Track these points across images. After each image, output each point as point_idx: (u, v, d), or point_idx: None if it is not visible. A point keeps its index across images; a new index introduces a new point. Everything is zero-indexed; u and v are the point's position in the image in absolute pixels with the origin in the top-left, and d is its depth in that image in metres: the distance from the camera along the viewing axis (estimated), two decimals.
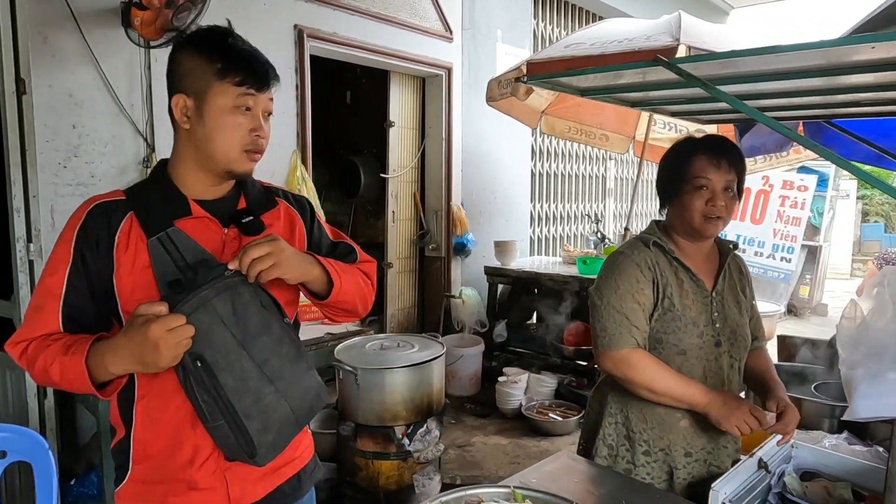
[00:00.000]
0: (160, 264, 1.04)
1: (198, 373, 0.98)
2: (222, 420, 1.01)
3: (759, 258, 7.17)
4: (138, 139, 2.87)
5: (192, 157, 1.10)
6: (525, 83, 1.67)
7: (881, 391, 1.06)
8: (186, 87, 1.07)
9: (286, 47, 3.41)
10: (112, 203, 1.08)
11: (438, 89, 4.46)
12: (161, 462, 1.08)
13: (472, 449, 3.36)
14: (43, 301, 1.06)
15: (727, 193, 1.43)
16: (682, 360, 1.45)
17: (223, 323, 1.00)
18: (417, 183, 4.63)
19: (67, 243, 1.06)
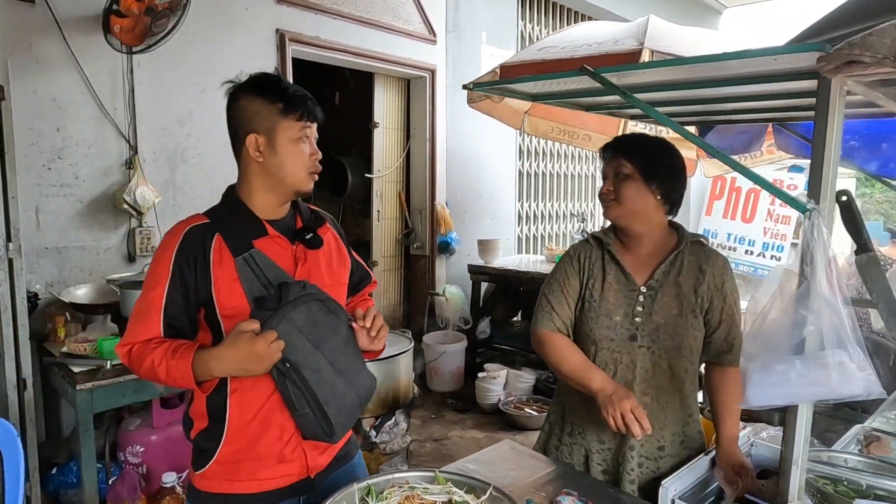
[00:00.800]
0: (247, 281, 1.25)
1: (288, 372, 1.23)
2: (308, 409, 1.26)
3: (749, 256, 7.22)
4: (121, 141, 2.97)
5: (264, 184, 1.31)
6: (471, 90, 1.75)
7: (771, 381, 1.13)
8: (256, 127, 1.28)
9: (268, 51, 3.51)
10: (202, 227, 1.28)
11: (423, 91, 4.54)
12: (251, 442, 1.29)
13: (448, 442, 3.45)
14: (146, 311, 1.24)
15: (616, 178, 1.49)
16: (595, 350, 1.53)
17: (300, 331, 1.24)
18: (402, 183, 4.72)
19: (167, 262, 1.24)
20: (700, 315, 1.50)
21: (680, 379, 1.52)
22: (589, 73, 1.42)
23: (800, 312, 1.12)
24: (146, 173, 3.00)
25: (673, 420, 1.54)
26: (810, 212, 1.10)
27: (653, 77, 1.58)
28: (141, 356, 1.22)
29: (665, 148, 1.53)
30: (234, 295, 1.24)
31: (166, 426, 2.58)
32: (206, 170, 3.30)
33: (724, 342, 1.51)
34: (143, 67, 3.00)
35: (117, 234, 3.00)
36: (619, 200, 1.49)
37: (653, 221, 1.52)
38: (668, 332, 1.49)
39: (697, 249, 1.54)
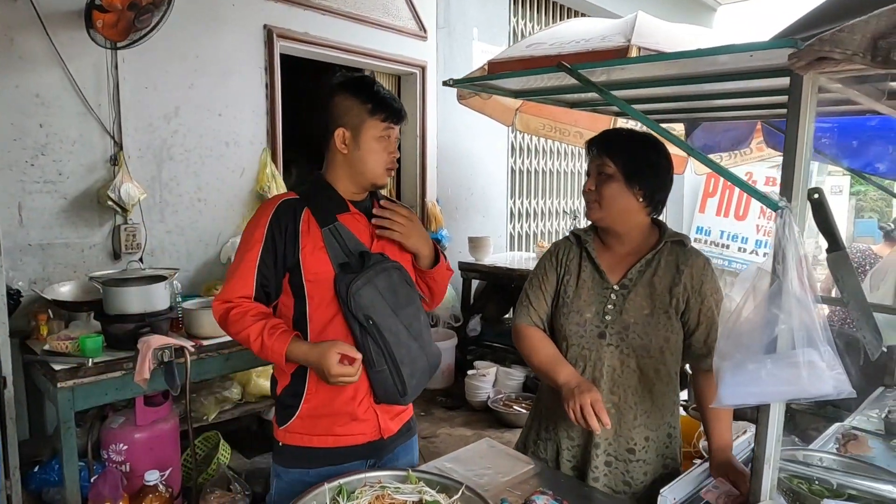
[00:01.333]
0: (332, 249, 1.40)
1: (371, 329, 1.37)
2: (385, 366, 1.39)
3: (742, 254, 7.23)
4: (106, 138, 2.95)
5: (346, 174, 1.47)
6: (451, 86, 1.74)
7: (743, 380, 1.12)
8: (346, 123, 1.44)
9: (256, 47, 3.48)
10: (293, 201, 1.45)
11: (413, 87, 4.52)
12: (329, 400, 1.41)
13: (437, 440, 3.45)
14: (242, 271, 1.41)
15: (599, 177, 1.48)
16: (566, 346, 1.54)
17: (381, 295, 1.40)
18: (393, 179, 4.70)
19: (262, 228, 1.41)
20: (675, 316, 1.48)
21: (650, 380, 1.50)
22: (566, 69, 1.40)
23: (771, 311, 1.11)
24: (131, 170, 2.98)
25: (644, 423, 1.52)
26: (782, 209, 1.09)
27: (633, 73, 1.57)
28: (238, 323, 1.37)
29: (651, 145, 1.50)
30: (320, 261, 1.39)
31: (150, 424, 2.56)
32: (193, 166, 3.28)
33: (704, 345, 1.48)
34: (127, 63, 2.98)
35: (102, 231, 2.98)
36: (600, 203, 1.48)
37: (634, 222, 1.51)
38: (638, 331, 1.47)
39: (677, 249, 1.52)
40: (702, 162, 1.25)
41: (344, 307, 1.39)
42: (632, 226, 1.51)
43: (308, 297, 1.42)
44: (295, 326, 1.45)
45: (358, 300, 1.37)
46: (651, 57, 1.37)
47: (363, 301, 1.38)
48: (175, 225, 3.23)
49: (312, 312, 1.44)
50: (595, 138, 1.55)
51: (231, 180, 3.44)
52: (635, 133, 1.55)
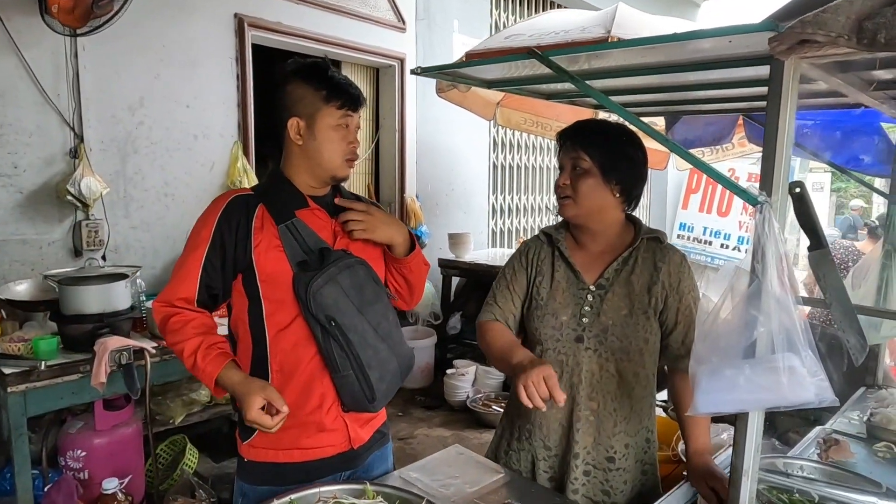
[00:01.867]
0: (289, 247, 1.31)
1: (333, 331, 1.27)
2: (350, 370, 1.29)
3: (725, 250, 7.23)
4: (65, 129, 2.82)
5: (304, 167, 1.37)
6: (418, 74, 1.66)
7: (720, 386, 1.05)
8: (299, 112, 1.34)
9: (226, 36, 3.36)
10: (246, 196, 1.36)
11: (392, 80, 4.42)
12: (294, 410, 1.27)
13: (414, 441, 3.37)
14: (184, 271, 1.31)
15: (575, 172, 1.39)
16: (540, 351, 1.45)
17: (345, 294, 1.30)
18: (371, 175, 4.60)
19: (209, 226, 1.31)
20: (653, 316, 1.41)
21: (629, 384, 1.43)
22: (537, 56, 1.32)
23: (750, 313, 1.04)
24: (93, 163, 2.86)
25: (624, 430, 1.45)
26: (761, 205, 1.02)
27: (610, 62, 1.50)
28: (176, 333, 1.29)
29: (628, 138, 1.43)
30: (276, 260, 1.30)
31: (110, 429, 2.45)
32: (159, 160, 3.16)
33: (682, 345, 1.41)
34: (88, 51, 2.85)
35: (62, 228, 2.85)
36: (575, 199, 1.39)
37: (610, 219, 1.44)
38: (617, 333, 1.40)
39: (654, 246, 1.44)
40: (681, 156, 1.18)
41: (304, 308, 1.29)
42: (608, 223, 1.44)
43: (263, 299, 1.33)
44: (251, 331, 1.36)
45: (319, 300, 1.28)
46: (626, 42, 1.30)
47: (325, 301, 1.29)
48: (141, 221, 3.11)
49: (269, 315, 1.34)
50: (568, 130, 1.46)
51: (200, 174, 3.32)
52: (611, 125, 1.47)
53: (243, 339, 1.38)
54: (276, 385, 1.30)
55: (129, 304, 2.49)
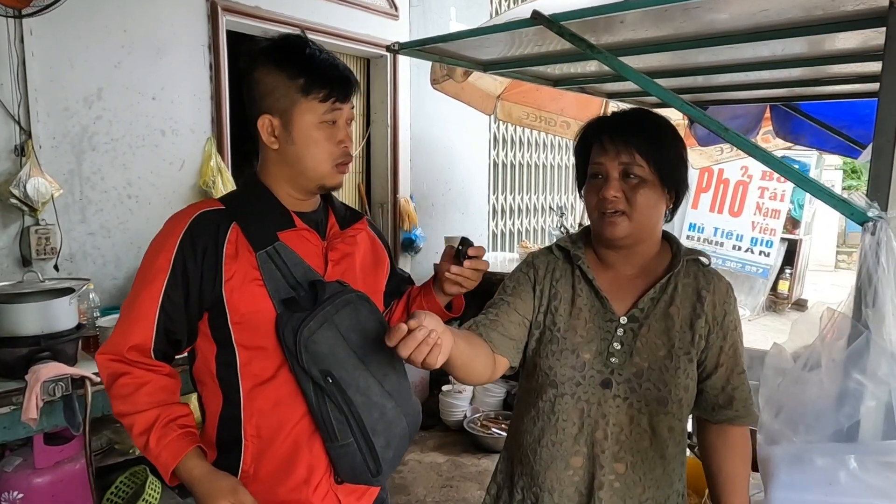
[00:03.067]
0: (271, 280, 1.04)
1: (330, 388, 1.01)
2: (351, 438, 1.03)
3: (737, 252, 6.91)
4: (10, 123, 2.49)
5: (283, 175, 1.10)
6: (395, 51, 1.35)
7: (808, 481, 0.74)
8: (271, 107, 1.06)
9: (197, 21, 3.04)
10: (216, 213, 1.07)
11: (384, 72, 4.10)
12: (272, 484, 1.06)
13: (405, 469, 3.05)
14: (139, 311, 1.04)
15: (628, 181, 1.09)
16: (555, 395, 1.14)
17: (344, 339, 1.03)
18: (362, 173, 4.28)
19: (168, 252, 1.03)
20: (695, 358, 1.12)
21: (663, 442, 1.13)
22: (544, 20, 1.01)
23: (853, 377, 0.73)
24: (43, 162, 2.54)
25: (652, 497, 1.15)
26: (874, 222, 0.70)
27: (628, 33, 1.18)
28: (125, 401, 1.03)
29: (675, 132, 1.14)
30: (253, 297, 1.04)
31: (53, 466, 2.15)
32: (121, 158, 2.83)
33: (722, 393, 1.15)
34: (36, 36, 2.53)
35: (7, 234, 2.53)
36: (631, 215, 1.09)
37: (655, 235, 1.16)
38: (654, 379, 1.11)
39: (695, 270, 1.15)
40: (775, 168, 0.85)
41: (292, 360, 1.02)
42: (653, 239, 1.17)
43: (237, 345, 1.05)
44: (220, 383, 1.07)
45: (312, 349, 1.01)
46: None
47: (320, 350, 1.01)
48: (99, 226, 2.79)
49: (244, 366, 1.05)
50: (610, 122, 1.14)
51: (168, 174, 3.00)
52: (660, 119, 1.15)
53: (210, 392, 1.09)
54: (251, 456, 1.06)
55: (75, 322, 2.18)
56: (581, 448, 1.11)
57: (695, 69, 1.56)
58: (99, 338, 2.33)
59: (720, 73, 1.59)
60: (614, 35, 1.22)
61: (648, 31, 1.19)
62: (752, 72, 1.54)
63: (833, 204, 0.74)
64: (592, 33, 1.14)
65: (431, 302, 1.27)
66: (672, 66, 1.52)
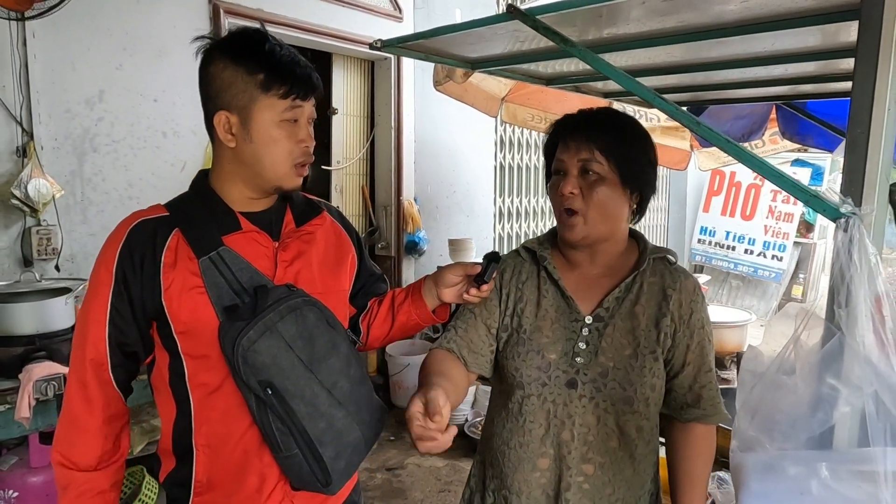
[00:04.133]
0: (214, 287, 1.01)
1: (270, 400, 0.98)
2: (296, 449, 1.00)
3: (749, 256, 6.80)
4: (12, 125, 2.52)
5: (239, 175, 1.06)
6: (377, 49, 1.33)
7: (780, 490, 0.70)
8: (228, 103, 1.02)
9: (199, 23, 3.05)
10: (155, 221, 1.04)
11: (388, 73, 4.09)
12: (226, 493, 1.04)
13: (403, 473, 3.03)
14: (86, 328, 1.02)
15: (587, 178, 1.07)
16: (522, 396, 1.13)
17: (289, 347, 1.00)
18: (366, 176, 4.28)
19: (109, 264, 1.01)
20: (661, 357, 1.11)
21: (631, 441, 1.12)
22: (518, 14, 0.98)
23: (826, 382, 0.69)
24: (45, 163, 2.56)
25: (622, 497, 1.13)
26: (847, 218, 0.67)
27: (618, 27, 1.15)
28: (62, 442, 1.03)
29: (642, 132, 1.12)
30: (194, 305, 1.01)
31: (48, 465, 2.15)
32: (122, 159, 2.85)
33: (690, 391, 1.14)
34: (39, 38, 2.55)
35: (8, 235, 2.56)
36: (587, 215, 1.08)
37: (617, 235, 1.15)
38: (619, 378, 1.10)
39: (662, 269, 1.14)
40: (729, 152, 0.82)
41: (232, 371, 0.99)
42: (616, 238, 1.16)
43: (184, 355, 1.03)
44: (173, 392, 1.06)
45: (251, 359, 0.97)
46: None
47: (260, 360, 0.97)
48: (101, 227, 2.80)
49: (192, 376, 1.03)
50: (571, 120, 1.14)
51: (169, 175, 3.01)
52: (624, 115, 1.14)
53: (164, 401, 1.08)
54: (204, 461, 1.04)
55: (72, 322, 2.18)
56: (548, 449, 1.11)
57: (693, 65, 1.51)
58: None
59: (721, 70, 1.55)
60: (599, 30, 1.19)
61: (633, 26, 1.15)
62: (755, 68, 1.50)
63: (805, 200, 0.71)
64: (573, 28, 1.12)
65: (421, 310, 1.24)
66: (667, 62, 1.48)
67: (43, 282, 2.20)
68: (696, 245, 7.08)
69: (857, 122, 0.68)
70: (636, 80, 0.92)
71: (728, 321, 3.17)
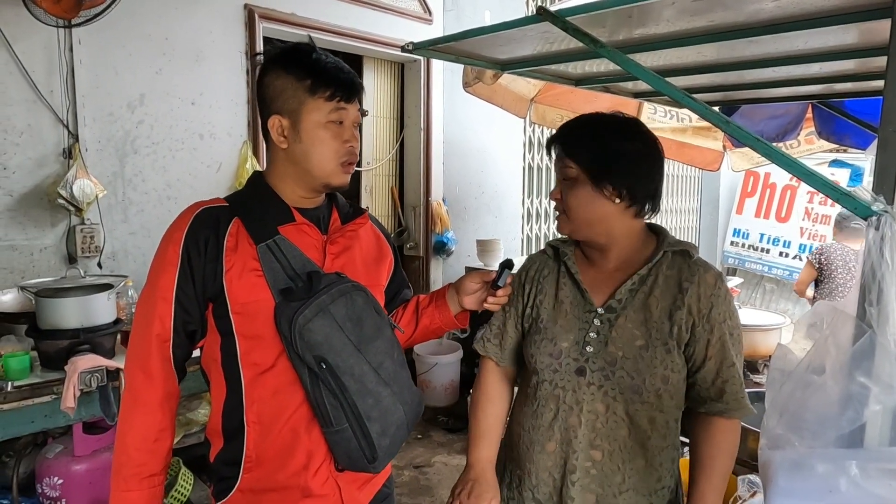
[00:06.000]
0: (271, 271, 1.08)
1: (324, 375, 1.04)
2: (346, 424, 1.06)
3: (784, 259, 6.64)
4: (59, 128, 2.64)
5: (291, 173, 1.15)
6: (409, 51, 1.36)
7: (804, 489, 0.70)
8: (280, 108, 1.11)
9: (235, 29, 3.14)
10: (217, 209, 1.13)
11: (417, 76, 4.13)
12: (273, 469, 1.10)
13: (430, 471, 3.06)
14: (152, 304, 1.08)
15: (564, 184, 1.19)
16: (536, 382, 1.22)
17: (340, 328, 1.07)
18: (396, 177, 4.33)
19: (175, 245, 1.09)
20: (675, 349, 1.13)
21: (643, 431, 1.14)
22: (549, 16, 1.00)
23: (857, 380, 0.69)
24: (89, 164, 2.67)
25: (635, 487, 1.15)
26: (879, 216, 0.67)
27: (648, 27, 1.16)
28: (128, 429, 1.09)
29: (619, 129, 1.17)
30: (253, 286, 1.08)
31: (91, 454, 2.24)
32: (161, 161, 2.95)
33: (713, 386, 1.14)
34: (84, 45, 2.66)
35: (55, 233, 2.67)
36: (567, 213, 1.18)
37: (619, 230, 1.19)
38: (628, 368, 1.13)
39: (680, 262, 1.17)
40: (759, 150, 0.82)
41: (288, 347, 1.06)
42: (616, 235, 1.19)
43: (238, 334, 1.09)
44: (224, 373, 1.12)
45: (307, 336, 1.04)
46: None
47: (315, 337, 1.05)
48: (140, 226, 2.91)
49: (245, 354, 1.10)
50: (552, 137, 1.24)
51: (205, 176, 3.10)
52: (600, 117, 1.20)
53: (216, 382, 1.14)
54: (253, 442, 1.09)
55: (113, 317, 2.27)
56: (555, 433, 1.16)
57: (725, 65, 1.50)
58: None
59: (753, 69, 1.53)
60: (629, 31, 1.20)
61: (663, 26, 1.16)
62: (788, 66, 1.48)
63: (836, 198, 0.71)
64: (602, 29, 1.13)
65: (445, 315, 1.34)
66: (697, 62, 1.47)
67: (87, 278, 2.29)
68: (729, 247, 6.94)
69: (889, 120, 0.68)
70: (666, 80, 0.92)
71: (761, 325, 3.10)
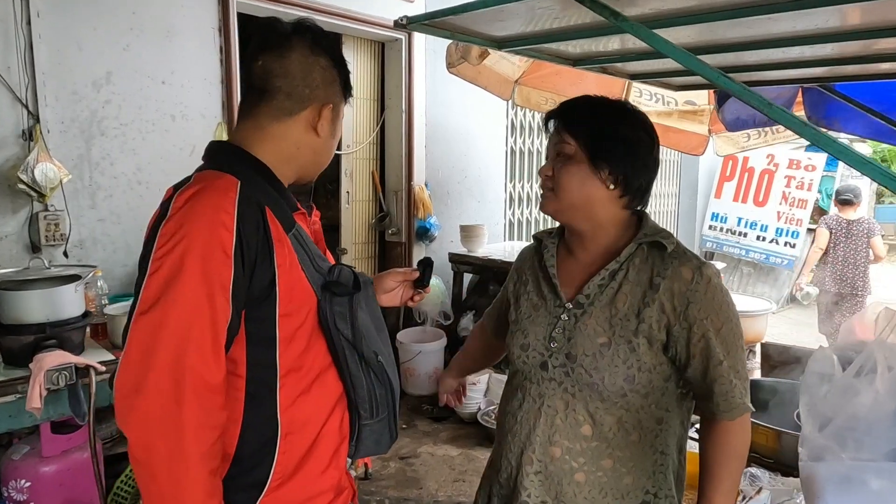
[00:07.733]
0: (305, 264, 1.00)
1: (379, 366, 1.04)
2: (387, 412, 1.07)
3: (761, 243, 6.71)
4: (17, 107, 2.46)
5: (299, 160, 1.07)
6: (404, 27, 1.27)
7: (858, 502, 0.65)
8: (330, 98, 1.06)
9: (207, 4, 2.97)
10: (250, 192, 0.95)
11: (398, 56, 4.00)
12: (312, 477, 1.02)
13: (416, 462, 3.00)
14: (206, 298, 0.88)
15: (558, 160, 1.14)
16: (511, 372, 1.26)
17: (371, 320, 1.06)
18: (377, 160, 4.21)
19: (228, 231, 0.90)
20: (643, 347, 1.07)
21: (607, 431, 1.11)
22: None
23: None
24: (52, 147, 2.50)
25: (600, 488, 1.11)
26: None
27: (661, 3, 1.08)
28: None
29: (625, 114, 1.14)
30: (297, 284, 0.98)
31: (60, 455, 2.12)
32: (130, 143, 2.79)
33: (702, 385, 1.09)
34: (43, 18, 2.48)
35: (16, 220, 2.51)
36: (556, 190, 1.13)
37: (602, 216, 1.15)
38: (587, 365, 1.10)
39: (655, 255, 1.11)
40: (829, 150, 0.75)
41: (348, 348, 1.01)
42: (598, 222, 1.15)
43: (280, 341, 0.96)
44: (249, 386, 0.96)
45: (368, 335, 1.04)
46: None
47: (364, 332, 1.04)
48: (109, 212, 2.76)
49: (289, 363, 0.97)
50: (552, 110, 1.20)
51: (178, 159, 2.95)
52: (605, 100, 1.16)
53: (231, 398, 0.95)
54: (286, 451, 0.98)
55: (82, 310, 2.14)
56: (518, 423, 1.17)
57: (724, 45, 1.44)
58: (108, 325, 2.30)
59: (753, 50, 1.47)
60: (641, 6, 1.12)
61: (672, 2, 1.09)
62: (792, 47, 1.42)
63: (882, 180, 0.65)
64: (617, 2, 1.05)
65: None
66: (698, 42, 1.41)
67: (52, 269, 2.15)
68: (707, 231, 6.99)
69: None
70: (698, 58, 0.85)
71: (747, 311, 3.10)
